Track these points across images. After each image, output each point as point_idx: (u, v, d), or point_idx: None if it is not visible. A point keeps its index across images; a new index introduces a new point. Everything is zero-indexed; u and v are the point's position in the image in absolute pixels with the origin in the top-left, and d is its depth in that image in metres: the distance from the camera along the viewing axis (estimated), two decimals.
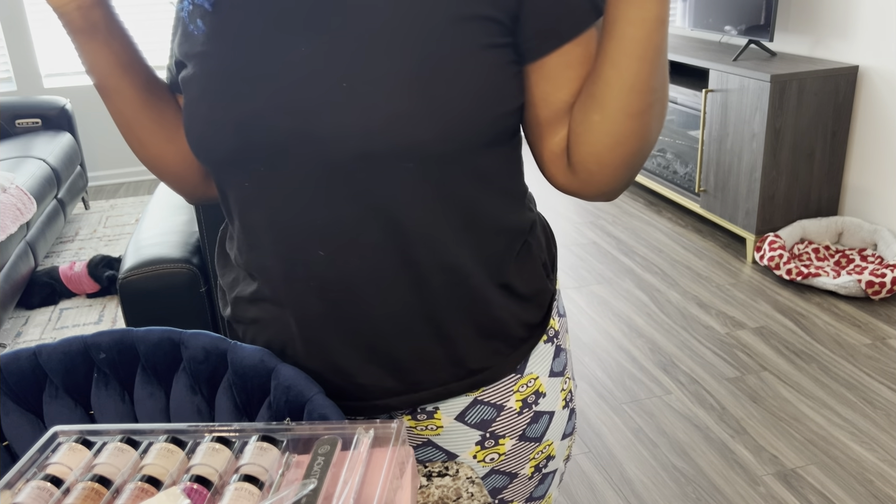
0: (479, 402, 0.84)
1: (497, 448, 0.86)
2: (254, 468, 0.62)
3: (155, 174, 0.87)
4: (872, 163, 3.13)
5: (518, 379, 0.85)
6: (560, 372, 0.90)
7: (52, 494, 0.62)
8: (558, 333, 0.90)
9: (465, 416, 0.84)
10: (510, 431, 0.86)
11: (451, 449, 0.86)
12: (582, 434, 2.24)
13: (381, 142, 0.67)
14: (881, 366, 2.48)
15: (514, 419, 0.86)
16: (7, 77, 4.66)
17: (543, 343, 0.87)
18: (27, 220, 3.20)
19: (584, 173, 0.73)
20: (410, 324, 0.76)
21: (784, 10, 3.46)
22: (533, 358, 0.86)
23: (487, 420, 0.85)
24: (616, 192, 0.76)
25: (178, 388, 0.79)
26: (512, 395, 0.85)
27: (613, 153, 0.71)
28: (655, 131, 0.72)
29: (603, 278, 3.22)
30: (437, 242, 0.73)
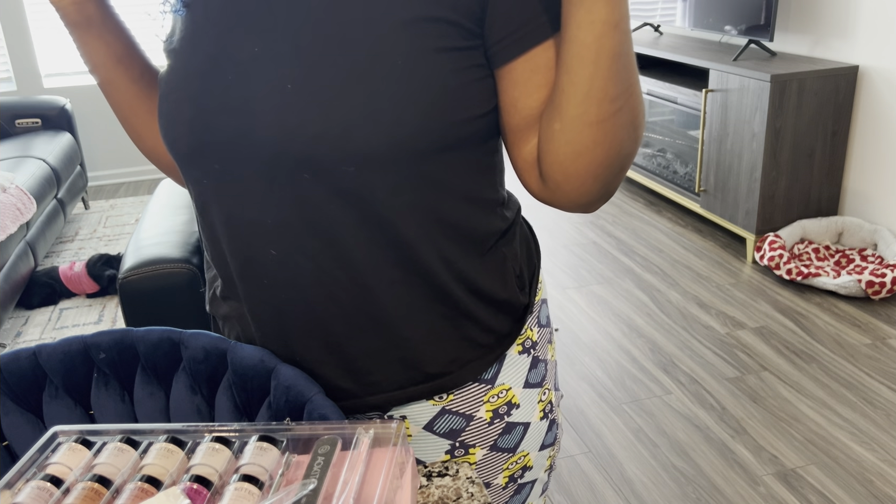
0: (446, 411, 0.83)
1: (467, 458, 0.85)
2: (253, 468, 0.62)
3: (154, 164, 0.90)
4: (872, 163, 3.13)
5: (488, 389, 0.84)
6: (538, 383, 0.88)
7: (52, 494, 0.62)
8: (536, 344, 0.88)
9: (434, 426, 0.83)
10: (480, 441, 0.85)
11: (420, 457, 0.85)
12: (582, 434, 2.24)
13: (323, 146, 0.67)
14: (881, 366, 2.48)
15: (484, 429, 0.84)
16: (7, 77, 4.66)
17: (518, 354, 0.85)
18: (27, 220, 3.20)
19: (551, 183, 0.72)
20: (362, 325, 0.76)
21: (784, 9, 3.46)
22: (505, 369, 0.84)
23: (456, 430, 0.84)
24: (591, 204, 0.73)
25: (178, 388, 0.79)
26: (482, 406, 0.83)
27: (576, 164, 0.69)
28: (626, 142, 0.68)
29: (603, 278, 3.22)
30: (386, 246, 0.72)
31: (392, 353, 0.78)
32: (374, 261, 0.73)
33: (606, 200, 0.74)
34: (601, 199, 0.73)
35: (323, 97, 0.66)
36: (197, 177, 0.75)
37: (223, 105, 0.70)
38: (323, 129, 0.66)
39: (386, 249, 0.73)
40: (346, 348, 0.77)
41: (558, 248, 3.55)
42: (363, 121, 0.66)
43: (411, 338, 0.77)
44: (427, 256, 0.74)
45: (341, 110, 0.66)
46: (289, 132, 0.67)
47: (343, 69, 0.66)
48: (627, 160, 0.71)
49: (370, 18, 0.67)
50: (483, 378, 0.83)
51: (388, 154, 0.68)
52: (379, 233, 0.72)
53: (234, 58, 0.70)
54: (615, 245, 3.55)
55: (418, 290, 0.75)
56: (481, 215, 0.77)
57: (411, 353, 0.78)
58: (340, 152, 0.67)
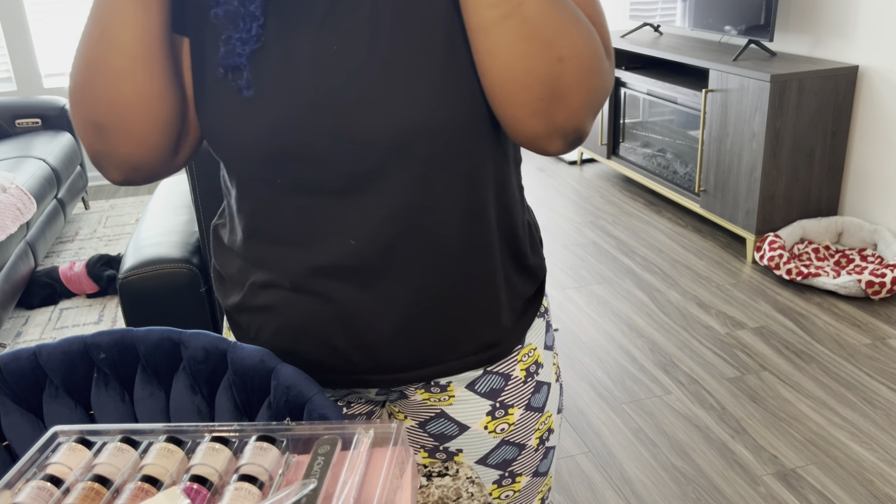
0: (487, 371, 0.87)
1: (507, 418, 0.89)
2: (253, 468, 0.62)
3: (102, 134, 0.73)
4: (872, 163, 3.13)
5: (520, 349, 0.88)
6: (551, 346, 0.94)
7: (52, 494, 0.62)
8: (547, 310, 0.94)
9: (476, 386, 0.87)
10: (517, 400, 0.89)
11: (462, 420, 0.88)
12: (582, 434, 2.24)
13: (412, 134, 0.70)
14: (881, 366, 2.48)
15: (520, 388, 0.89)
16: (7, 77, 4.66)
17: (537, 318, 0.91)
18: (27, 220, 3.20)
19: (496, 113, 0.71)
20: (433, 304, 0.79)
21: (784, 10, 3.46)
22: (531, 330, 0.90)
23: (496, 389, 0.87)
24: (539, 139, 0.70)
25: (178, 388, 0.79)
26: (517, 365, 0.88)
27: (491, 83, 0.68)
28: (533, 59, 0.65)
29: (603, 278, 3.22)
30: (463, 227, 0.77)
31: (453, 327, 0.81)
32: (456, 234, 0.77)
33: (566, 137, 0.70)
34: (550, 136, 0.70)
35: (402, 85, 0.69)
36: (269, 178, 0.75)
37: (312, 104, 0.70)
38: (410, 116, 0.70)
39: (466, 220, 0.77)
40: (420, 324, 0.80)
41: (558, 248, 3.55)
42: (446, 102, 0.70)
43: (474, 310, 0.82)
44: (494, 229, 0.80)
45: (422, 96, 0.69)
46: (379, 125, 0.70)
47: (416, 54, 0.69)
48: (553, 84, 0.66)
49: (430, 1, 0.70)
50: None
51: (466, 127, 0.72)
52: (459, 215, 0.76)
53: (312, 58, 0.70)
54: (615, 245, 3.55)
55: (485, 265, 0.80)
56: (514, 175, 0.83)
57: (471, 324, 0.82)
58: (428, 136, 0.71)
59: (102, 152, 0.74)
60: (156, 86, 0.71)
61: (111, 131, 0.72)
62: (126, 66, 0.69)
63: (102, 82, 0.70)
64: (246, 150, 0.74)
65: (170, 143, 0.75)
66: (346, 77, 0.70)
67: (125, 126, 0.72)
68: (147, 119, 0.72)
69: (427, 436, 0.90)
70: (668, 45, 3.83)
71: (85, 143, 0.75)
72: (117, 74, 0.70)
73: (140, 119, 0.71)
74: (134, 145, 0.73)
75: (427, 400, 0.88)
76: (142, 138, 0.73)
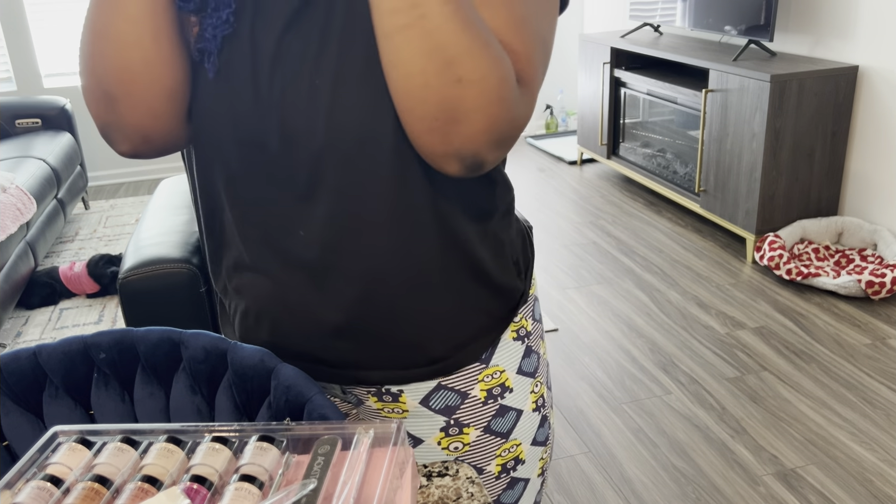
0: (442, 387, 0.85)
1: (461, 437, 0.87)
2: (253, 468, 0.62)
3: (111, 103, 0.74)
4: (872, 163, 3.13)
5: (482, 369, 0.86)
6: (531, 373, 0.90)
7: (52, 494, 0.62)
8: (530, 334, 0.90)
9: (430, 401, 0.85)
10: (474, 421, 0.87)
11: (416, 433, 0.87)
12: (582, 434, 2.24)
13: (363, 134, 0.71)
14: (881, 366, 2.48)
15: (478, 408, 0.86)
16: (7, 77, 4.66)
17: (512, 340, 0.88)
18: (27, 220, 3.20)
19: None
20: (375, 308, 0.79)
21: (784, 10, 3.46)
22: (499, 352, 0.87)
23: (451, 406, 0.86)
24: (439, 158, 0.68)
25: (178, 388, 0.79)
26: (476, 384, 0.86)
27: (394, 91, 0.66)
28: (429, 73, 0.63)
29: (603, 278, 3.22)
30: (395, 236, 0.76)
31: (399, 333, 0.80)
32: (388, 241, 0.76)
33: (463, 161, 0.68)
34: (446, 157, 0.67)
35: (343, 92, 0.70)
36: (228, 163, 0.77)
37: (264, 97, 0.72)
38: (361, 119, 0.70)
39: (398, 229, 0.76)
40: (364, 325, 0.80)
41: (558, 248, 3.55)
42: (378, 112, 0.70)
43: (421, 319, 0.80)
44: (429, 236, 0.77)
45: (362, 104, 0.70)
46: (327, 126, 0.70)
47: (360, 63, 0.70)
48: (450, 105, 0.64)
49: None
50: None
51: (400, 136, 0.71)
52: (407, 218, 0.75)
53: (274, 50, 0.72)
54: (615, 245, 3.55)
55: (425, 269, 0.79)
56: (482, 192, 0.81)
57: (418, 333, 0.81)
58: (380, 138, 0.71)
59: (112, 123, 0.75)
60: (163, 52, 0.71)
61: (120, 100, 0.73)
62: (132, 32, 0.70)
63: (110, 50, 0.71)
64: (211, 134, 0.76)
65: (179, 111, 0.76)
66: (295, 76, 0.71)
67: (134, 94, 0.72)
68: (154, 86, 0.72)
69: None
70: (668, 45, 3.83)
71: (94, 115, 0.75)
72: (124, 41, 0.70)
73: (148, 86, 0.72)
74: (143, 113, 0.74)
75: (381, 410, 0.87)
76: (150, 106, 0.73)
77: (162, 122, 0.75)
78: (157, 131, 0.75)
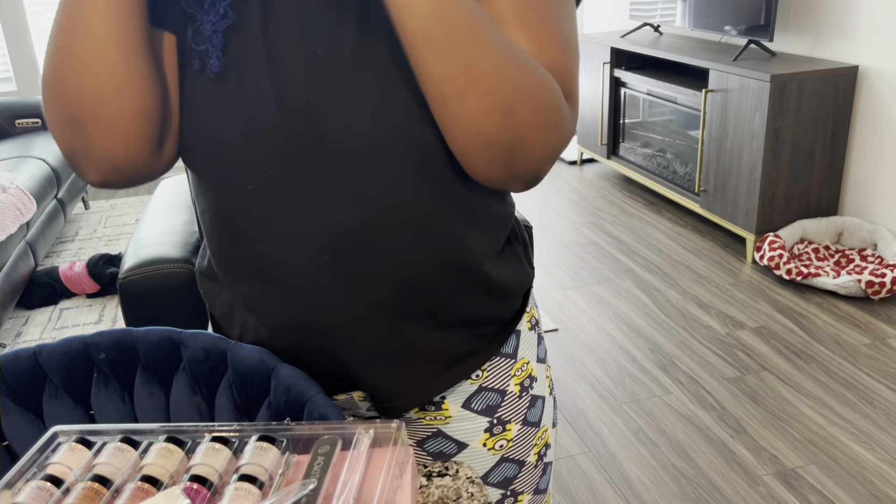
0: (482, 388, 0.86)
1: (504, 434, 0.88)
2: (253, 468, 0.62)
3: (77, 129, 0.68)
4: (872, 163, 3.13)
5: (513, 363, 0.87)
6: (543, 359, 0.93)
7: (52, 494, 0.62)
8: (538, 322, 0.93)
9: (472, 403, 0.86)
10: (514, 416, 0.88)
11: (460, 438, 0.87)
12: (582, 434, 2.24)
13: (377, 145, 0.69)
14: (881, 366, 2.48)
15: (516, 403, 0.88)
16: (7, 77, 4.66)
17: (528, 330, 0.90)
18: (27, 220, 3.20)
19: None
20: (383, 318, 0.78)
21: (784, 10, 3.46)
22: (523, 343, 0.89)
23: (493, 405, 0.86)
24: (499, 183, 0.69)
25: (178, 388, 0.79)
26: (510, 379, 0.87)
27: (449, 137, 0.67)
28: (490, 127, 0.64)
29: (603, 278, 3.22)
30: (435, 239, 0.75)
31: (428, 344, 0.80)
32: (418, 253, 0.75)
33: (524, 182, 0.70)
34: (507, 182, 0.69)
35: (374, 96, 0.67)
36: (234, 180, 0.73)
37: (283, 106, 0.68)
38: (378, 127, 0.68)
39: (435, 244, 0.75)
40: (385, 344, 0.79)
41: (558, 248, 3.55)
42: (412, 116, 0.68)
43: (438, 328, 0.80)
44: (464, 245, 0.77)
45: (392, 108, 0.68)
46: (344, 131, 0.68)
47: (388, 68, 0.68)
48: (513, 145, 0.65)
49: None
50: (505, 353, 0.87)
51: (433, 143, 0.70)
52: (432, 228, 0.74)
53: (289, 58, 0.68)
54: (615, 245, 3.55)
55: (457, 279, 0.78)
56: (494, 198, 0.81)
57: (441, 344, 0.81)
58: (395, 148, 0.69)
59: (78, 150, 0.69)
60: (133, 73, 0.66)
61: (87, 124, 0.67)
62: (100, 52, 0.64)
63: (75, 70, 0.65)
64: (217, 146, 0.72)
65: (150, 138, 0.70)
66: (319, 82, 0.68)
67: (102, 118, 0.66)
68: (124, 109, 0.67)
69: (426, 454, 0.88)
70: (668, 45, 3.83)
71: (59, 142, 0.70)
72: (91, 60, 0.64)
73: (117, 109, 0.66)
74: (112, 140, 0.68)
75: (422, 418, 0.86)
76: (120, 131, 0.67)
77: (133, 148, 0.69)
78: (127, 159, 0.70)
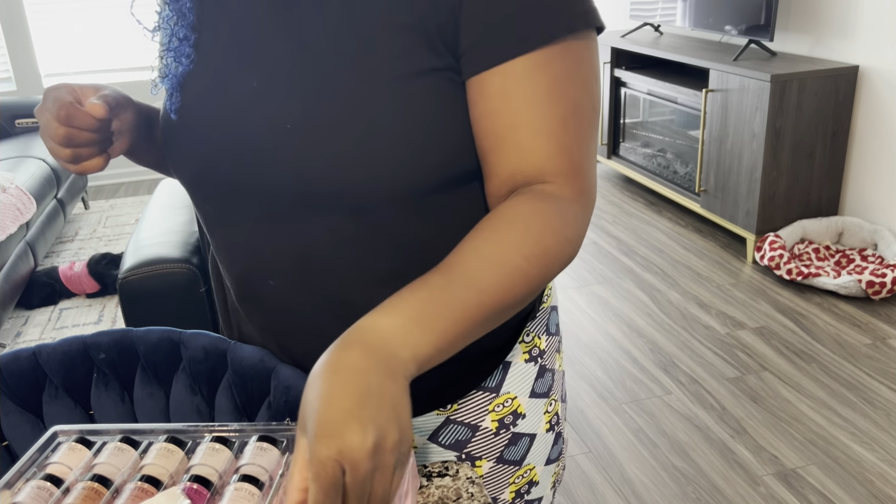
0: (451, 421, 0.81)
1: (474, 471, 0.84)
2: (253, 468, 0.62)
3: None
4: (872, 163, 3.13)
5: (493, 398, 0.82)
6: (544, 393, 0.86)
7: (52, 494, 0.62)
8: (544, 353, 0.86)
9: (439, 436, 0.82)
10: (486, 453, 0.83)
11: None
12: (582, 434, 2.24)
13: (318, 186, 0.66)
14: (881, 366, 2.48)
15: (490, 440, 0.83)
16: (7, 77, 4.66)
17: (524, 362, 0.83)
18: (27, 220, 3.20)
19: None
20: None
21: (784, 9, 3.46)
22: (511, 377, 0.82)
23: (462, 440, 0.82)
24: None
25: (177, 388, 0.79)
26: (487, 415, 0.82)
27: None
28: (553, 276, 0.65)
29: (603, 278, 3.22)
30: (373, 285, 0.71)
31: None
32: (362, 301, 0.71)
33: None
34: None
35: (321, 136, 0.64)
36: (200, 203, 0.76)
37: (224, 139, 0.69)
38: (323, 167, 0.65)
39: (374, 290, 0.71)
40: None
41: None
42: (361, 160, 0.64)
43: None
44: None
45: (340, 149, 0.64)
46: (284, 170, 0.66)
47: (339, 107, 0.64)
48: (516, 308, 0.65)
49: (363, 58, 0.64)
50: (487, 386, 0.81)
51: (386, 192, 0.66)
52: (369, 272, 0.70)
53: (232, 92, 0.69)
54: (615, 245, 3.55)
55: None
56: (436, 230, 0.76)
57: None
58: (335, 193, 0.66)
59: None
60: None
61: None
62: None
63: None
64: (179, 174, 0.75)
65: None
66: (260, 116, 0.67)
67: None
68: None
69: None
70: (668, 44, 3.83)
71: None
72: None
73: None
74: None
75: None
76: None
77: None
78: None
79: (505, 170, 0.67)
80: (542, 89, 0.64)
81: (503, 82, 0.64)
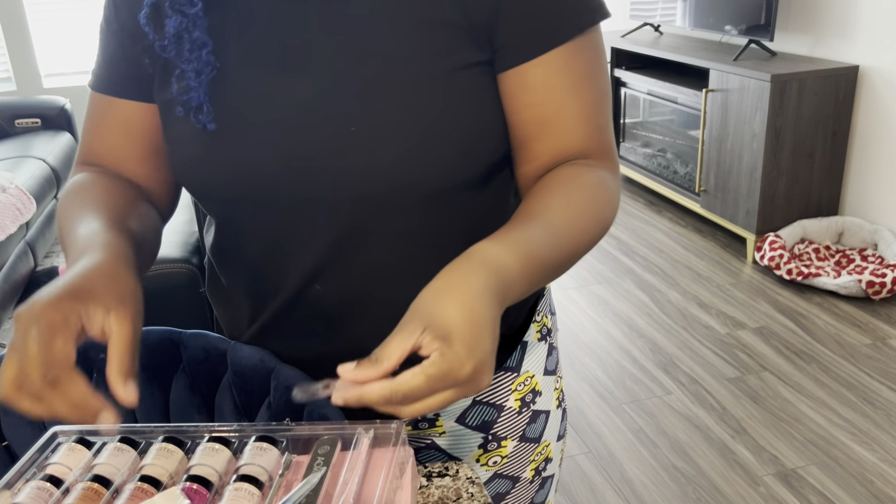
0: (478, 402, 0.83)
1: (499, 451, 0.85)
2: (253, 468, 0.62)
3: None
4: (872, 163, 3.13)
5: (515, 377, 0.84)
6: (553, 370, 0.90)
7: (52, 494, 0.62)
8: (550, 331, 0.90)
9: (466, 418, 0.83)
10: (511, 432, 0.85)
11: (453, 452, 0.85)
12: (582, 434, 2.24)
13: (383, 185, 0.67)
14: (881, 366, 2.48)
15: (514, 419, 0.85)
16: (7, 77, 4.66)
17: (537, 341, 0.87)
18: (27, 220, 3.20)
19: None
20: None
21: (784, 9, 3.46)
22: (529, 356, 0.86)
23: (488, 421, 0.84)
24: None
25: (177, 388, 0.79)
26: (511, 395, 0.84)
27: None
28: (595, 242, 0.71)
29: (603, 278, 3.22)
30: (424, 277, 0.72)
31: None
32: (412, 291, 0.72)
33: None
34: None
35: (385, 135, 0.66)
36: (241, 218, 0.74)
37: (277, 148, 0.68)
38: (391, 165, 0.67)
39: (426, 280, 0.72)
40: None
41: None
42: (426, 154, 0.67)
43: None
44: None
45: (406, 146, 0.66)
46: (355, 173, 0.67)
47: (400, 104, 0.66)
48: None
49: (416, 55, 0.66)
50: (508, 366, 0.84)
51: (446, 183, 0.69)
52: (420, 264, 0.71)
53: (282, 99, 0.67)
54: (615, 245, 3.55)
55: None
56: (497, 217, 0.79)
57: None
58: (407, 186, 0.68)
59: None
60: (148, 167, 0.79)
61: None
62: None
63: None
64: (210, 191, 0.73)
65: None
66: (320, 121, 0.67)
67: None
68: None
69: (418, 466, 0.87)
70: (668, 44, 3.83)
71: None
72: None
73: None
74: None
75: (418, 435, 0.85)
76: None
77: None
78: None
79: (548, 154, 0.71)
80: (578, 76, 0.69)
81: (545, 72, 0.69)
